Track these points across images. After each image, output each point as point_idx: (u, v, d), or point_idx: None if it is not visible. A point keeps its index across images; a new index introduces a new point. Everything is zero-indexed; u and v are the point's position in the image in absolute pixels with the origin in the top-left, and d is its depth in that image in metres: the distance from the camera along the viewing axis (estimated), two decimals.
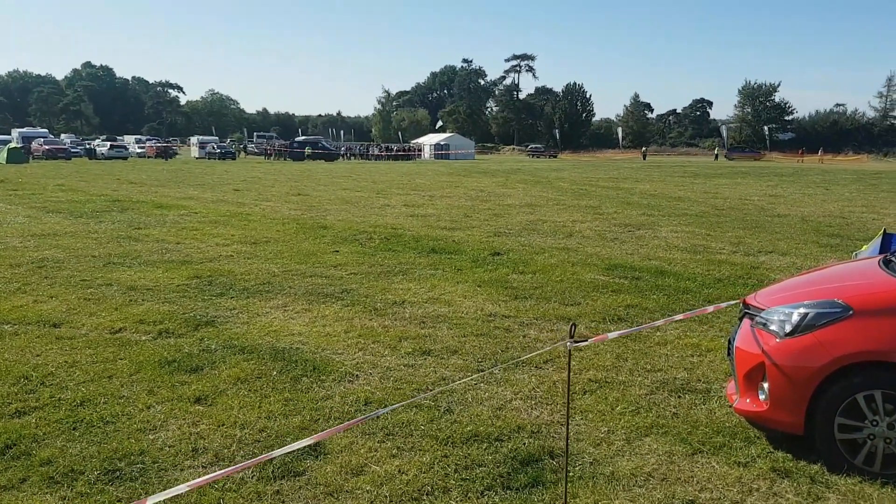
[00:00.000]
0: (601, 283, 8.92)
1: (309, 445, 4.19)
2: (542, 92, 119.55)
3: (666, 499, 3.64)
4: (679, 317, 4.83)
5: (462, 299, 8.03)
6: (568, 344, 3.43)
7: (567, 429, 3.51)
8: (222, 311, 7.50)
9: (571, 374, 5.48)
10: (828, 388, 3.87)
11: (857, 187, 29.04)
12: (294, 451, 4.12)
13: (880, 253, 6.11)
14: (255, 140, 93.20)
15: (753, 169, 48.38)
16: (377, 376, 5.48)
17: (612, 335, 4.31)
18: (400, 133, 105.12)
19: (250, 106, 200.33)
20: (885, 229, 7.70)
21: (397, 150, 76.64)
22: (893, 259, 4.54)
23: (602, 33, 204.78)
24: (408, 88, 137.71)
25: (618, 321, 7.17)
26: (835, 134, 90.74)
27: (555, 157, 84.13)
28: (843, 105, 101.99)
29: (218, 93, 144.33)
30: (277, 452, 2.73)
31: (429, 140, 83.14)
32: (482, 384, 5.27)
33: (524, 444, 4.26)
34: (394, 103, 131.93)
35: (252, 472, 3.90)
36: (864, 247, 7.64)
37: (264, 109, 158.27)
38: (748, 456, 4.11)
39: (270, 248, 11.66)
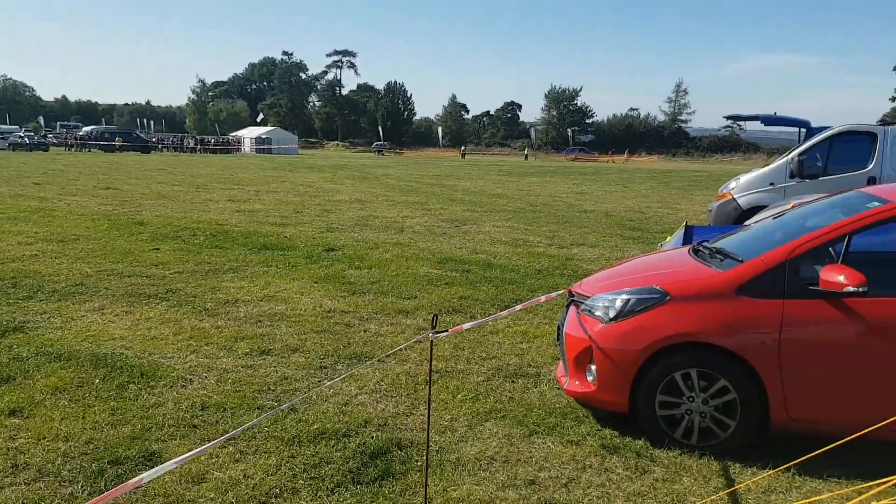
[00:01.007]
0: (435, 277, 9.14)
1: (143, 455, 3.95)
2: (365, 89, 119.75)
3: (509, 480, 3.83)
4: (519, 307, 5.09)
5: (299, 296, 7.88)
6: (430, 335, 3.51)
7: (428, 419, 3.59)
8: (31, 315, 6.80)
9: (414, 365, 5.64)
10: (649, 369, 4.25)
11: (652, 185, 32.01)
12: (128, 462, 3.87)
13: (684, 244, 6.79)
14: (56, 129, 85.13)
15: (560, 168, 51.67)
16: (213, 379, 5.25)
17: (466, 326, 4.48)
18: (217, 125, 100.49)
19: (48, 93, 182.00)
20: (686, 222, 8.61)
21: (215, 143, 73.28)
22: (702, 248, 5.08)
23: (421, 34, 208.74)
24: (225, 79, 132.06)
25: (453, 312, 7.40)
26: (630, 136, 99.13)
27: (400, 153, 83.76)
28: (636, 109, 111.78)
29: (10, 78, 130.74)
30: (148, 475, 2.52)
31: (249, 133, 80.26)
32: (326, 381, 5.23)
33: (372, 437, 4.30)
34: (210, 94, 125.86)
35: (83, 486, 3.61)
36: (668, 238, 8.48)
37: (63, 97, 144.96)
38: (579, 434, 4.43)
39: (80, 247, 10.71)
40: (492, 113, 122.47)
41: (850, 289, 3.91)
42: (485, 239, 12.95)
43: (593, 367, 4.45)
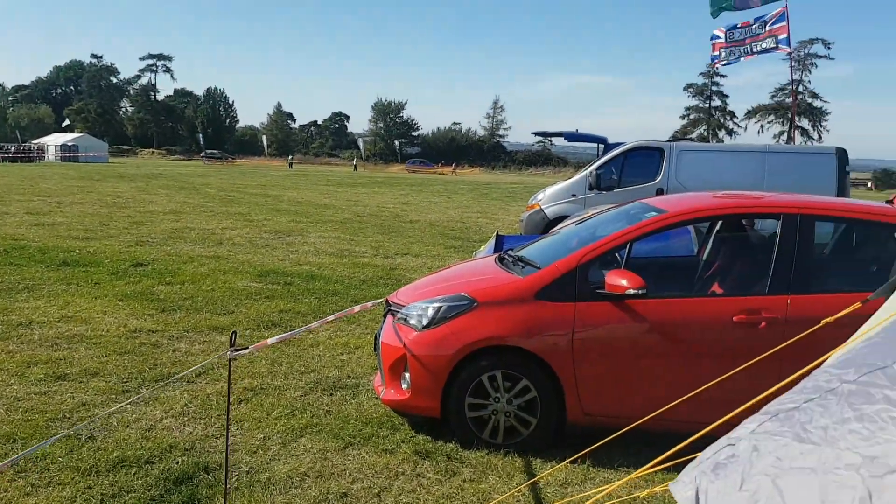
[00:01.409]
0: (254, 290, 8.90)
1: None
2: (183, 94, 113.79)
3: (321, 495, 3.82)
4: (331, 318, 5.10)
5: (101, 316, 7.34)
6: (228, 353, 3.42)
7: (227, 442, 3.50)
8: None
9: (226, 384, 5.44)
10: (459, 373, 4.44)
11: (473, 196, 33.27)
12: None
13: (495, 252, 7.15)
14: None
15: (387, 179, 52.27)
16: (2, 408, 4.77)
17: (270, 341, 4.38)
18: (18, 132, 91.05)
19: None
20: (497, 232, 9.04)
21: (15, 151, 66.43)
22: (506, 256, 5.37)
23: (244, 40, 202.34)
24: (27, 83, 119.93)
25: (272, 326, 7.25)
26: (453, 149, 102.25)
27: (232, 162, 79.61)
28: (459, 123, 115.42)
29: None
30: None
31: (54, 140, 73.62)
32: (129, 406, 4.92)
33: (177, 462, 4.11)
34: (10, 98, 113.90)
35: None
36: (482, 247, 8.88)
37: None
38: (394, 443, 4.51)
39: None
40: (319, 123, 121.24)
41: (632, 291, 4.31)
42: (309, 250, 12.81)
43: (407, 375, 4.56)
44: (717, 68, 71.16)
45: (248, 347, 3.73)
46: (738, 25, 18.54)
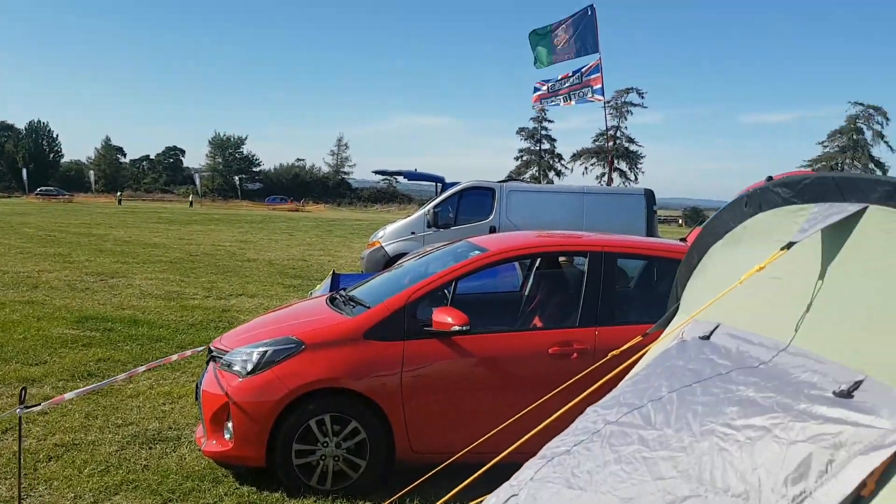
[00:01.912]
0: (71, 338, 8.25)
1: None
2: (2, 128, 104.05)
3: None
4: (142, 369, 4.84)
5: None
6: (18, 411, 3.15)
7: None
8: None
9: (35, 441, 5.00)
10: (286, 419, 4.35)
11: (317, 233, 32.91)
12: None
13: (331, 291, 7.12)
14: None
15: (226, 216, 50.49)
16: None
17: (68, 395, 4.08)
18: None
19: None
20: (333, 270, 9.00)
21: None
22: (337, 296, 5.37)
23: (69, 73, 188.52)
24: None
25: (88, 377, 6.75)
26: (297, 185, 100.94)
27: (71, 199, 71.89)
28: (303, 160, 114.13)
29: None
30: None
31: None
32: None
33: None
34: None
35: None
36: (319, 286, 8.80)
37: None
38: (216, 496, 4.33)
39: None
40: (152, 157, 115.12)
41: (457, 328, 4.47)
42: (134, 293, 12.08)
43: (230, 425, 4.41)
44: (542, 113, 75.88)
45: (39, 405, 3.45)
46: (559, 77, 19.98)
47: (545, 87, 20.41)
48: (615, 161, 73.45)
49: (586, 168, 78.35)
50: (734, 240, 2.30)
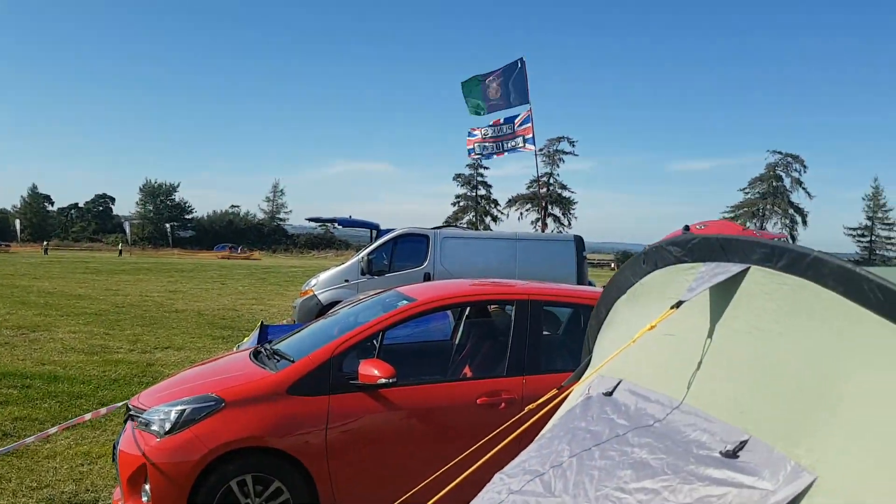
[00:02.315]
0: None
1: None
2: None
3: None
4: (53, 430, 4.62)
5: None
6: None
7: None
8: None
9: None
10: (206, 480, 4.20)
11: (250, 281, 32.31)
12: None
13: (258, 343, 6.97)
14: None
15: (156, 265, 49.16)
16: None
17: None
18: None
19: None
20: (262, 322, 8.84)
21: None
22: (262, 350, 5.27)
23: None
24: None
25: (3, 437, 6.40)
26: (232, 232, 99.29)
27: (8, 249, 67.87)
28: (238, 206, 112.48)
29: None
30: None
31: None
32: None
33: None
34: None
35: None
36: (246, 338, 8.61)
37: None
38: None
39: None
40: (81, 205, 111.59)
41: (383, 380, 4.43)
42: (56, 347, 11.58)
43: (148, 487, 4.24)
44: (476, 160, 77.25)
45: None
46: (491, 124, 20.47)
47: (479, 133, 20.85)
48: (549, 207, 75.04)
49: (521, 213, 79.73)
50: (635, 296, 2.39)
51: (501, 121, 20.23)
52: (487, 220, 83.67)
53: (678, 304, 1.95)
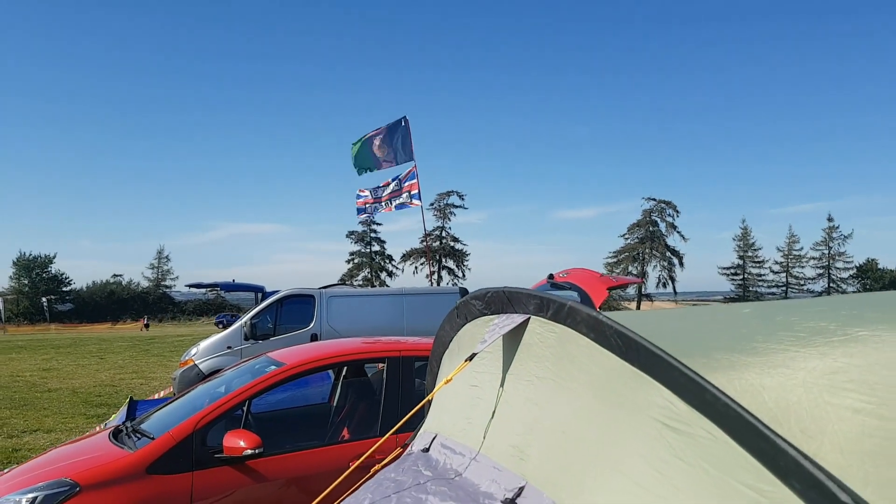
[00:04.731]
0: None
1: None
2: None
3: None
4: None
5: None
6: None
7: None
8: None
9: None
10: None
11: (131, 354, 30.63)
12: None
13: (127, 420, 6.61)
14: None
15: (31, 342, 45.88)
16: None
17: None
18: None
19: None
20: (131, 397, 8.41)
21: None
22: (122, 429, 5.01)
23: None
24: None
25: None
26: (113, 303, 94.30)
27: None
28: (120, 276, 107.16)
29: None
30: None
31: None
32: None
33: None
34: None
35: None
36: (114, 416, 8.15)
37: None
38: None
39: None
40: None
41: (249, 451, 4.31)
42: None
43: None
44: (365, 220, 77.49)
45: None
46: (380, 185, 20.75)
47: (367, 194, 21.06)
48: (443, 259, 75.91)
49: (416, 268, 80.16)
50: (453, 350, 2.49)
51: (389, 179, 20.57)
52: (383, 275, 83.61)
53: (471, 357, 2.05)
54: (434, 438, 2.17)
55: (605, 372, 1.61)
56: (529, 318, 1.97)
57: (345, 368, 6.20)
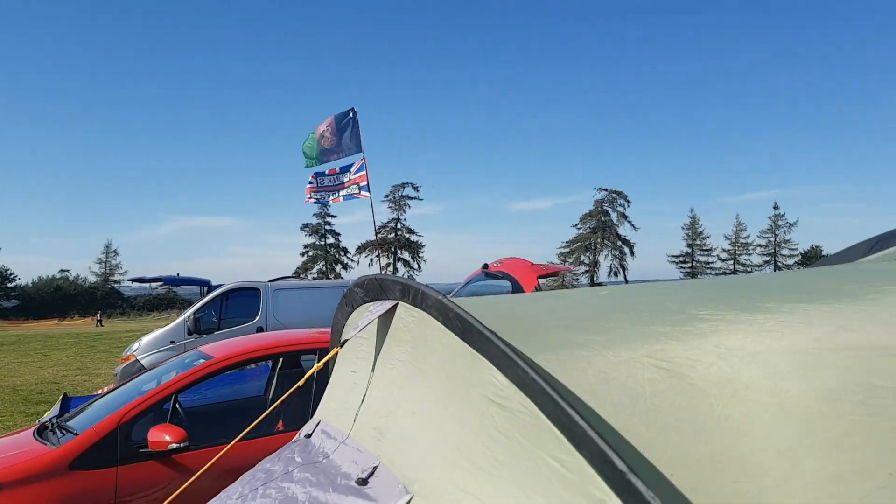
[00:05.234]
0: None
1: None
2: None
3: None
4: None
5: None
6: None
7: None
8: None
9: None
10: None
11: (76, 350, 29.96)
12: None
13: (59, 416, 6.51)
14: None
15: None
16: None
17: None
18: None
19: None
20: (65, 394, 8.27)
21: None
22: (48, 426, 4.94)
23: None
24: None
25: None
26: (60, 299, 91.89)
27: None
28: (67, 271, 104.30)
29: None
30: None
31: None
32: None
33: None
34: None
35: None
36: (47, 413, 8.00)
37: None
38: None
39: None
40: None
41: (174, 445, 4.31)
42: None
43: None
44: (325, 209, 76.77)
45: None
46: (326, 173, 20.59)
47: (315, 182, 20.94)
48: (398, 251, 75.83)
49: (371, 260, 79.88)
50: (343, 337, 2.56)
51: (338, 170, 20.43)
52: (338, 268, 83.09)
53: (342, 344, 2.12)
54: (318, 424, 2.24)
55: (449, 353, 1.69)
56: (397, 303, 2.05)
57: (280, 360, 6.21)
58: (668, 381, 1.38)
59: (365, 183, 20.03)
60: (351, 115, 20.39)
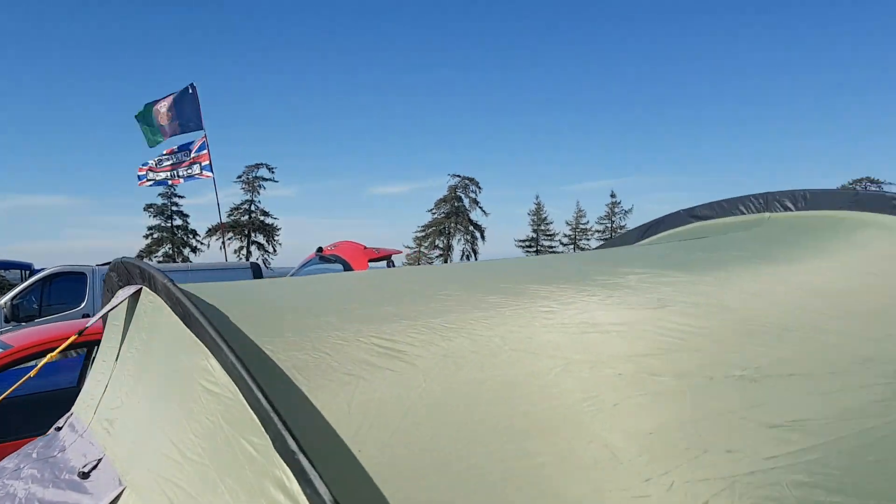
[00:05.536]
0: None
1: None
2: None
3: None
4: None
5: None
6: None
7: None
8: None
9: None
10: None
11: None
12: None
13: None
14: None
15: None
16: None
17: None
18: None
19: None
20: None
21: None
22: None
23: None
24: None
25: None
26: None
27: None
28: None
29: None
30: None
31: None
32: None
33: None
34: None
35: None
36: None
37: None
38: None
39: None
40: None
41: None
42: None
43: None
44: (171, 189, 72.87)
45: None
46: (164, 152, 19.57)
47: (152, 161, 19.83)
48: (252, 234, 73.49)
49: (223, 243, 76.73)
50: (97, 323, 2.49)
51: (175, 148, 19.45)
52: (186, 251, 79.29)
53: (82, 332, 2.08)
54: (70, 417, 2.16)
55: (175, 339, 1.68)
56: (142, 288, 2.02)
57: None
58: (387, 359, 1.47)
59: (207, 162, 19.21)
60: (190, 90, 19.42)
